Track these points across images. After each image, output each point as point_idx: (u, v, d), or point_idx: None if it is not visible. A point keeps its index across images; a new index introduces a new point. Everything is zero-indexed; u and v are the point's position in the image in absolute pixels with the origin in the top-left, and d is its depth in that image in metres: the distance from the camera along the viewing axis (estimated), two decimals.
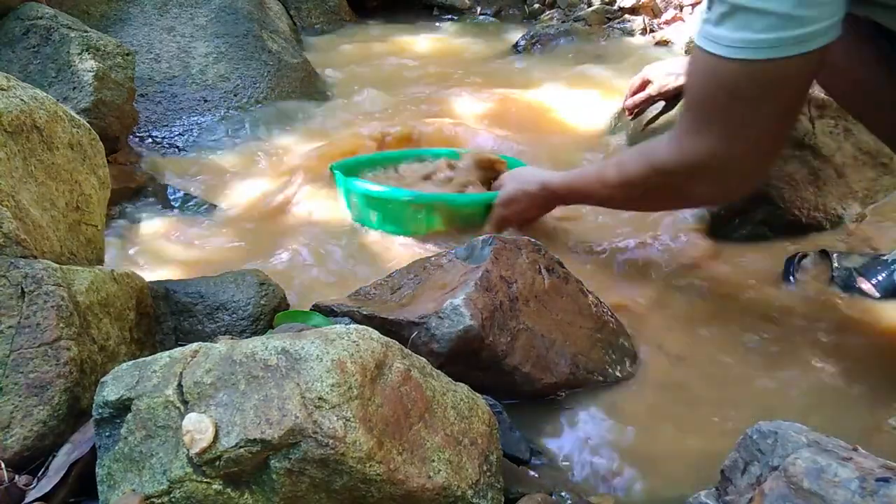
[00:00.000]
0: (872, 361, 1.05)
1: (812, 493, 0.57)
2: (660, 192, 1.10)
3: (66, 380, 0.79)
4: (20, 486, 0.73)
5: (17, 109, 0.91)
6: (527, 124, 1.87)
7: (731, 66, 0.89)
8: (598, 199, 1.26)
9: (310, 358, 0.67)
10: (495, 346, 0.92)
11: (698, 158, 0.99)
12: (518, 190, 1.35)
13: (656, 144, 1.09)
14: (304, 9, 2.76)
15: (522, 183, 1.36)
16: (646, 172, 1.08)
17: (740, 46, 0.87)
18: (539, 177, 1.35)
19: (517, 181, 1.37)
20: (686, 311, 1.17)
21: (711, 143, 0.97)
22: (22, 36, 1.61)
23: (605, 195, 1.21)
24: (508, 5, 3.02)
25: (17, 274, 0.81)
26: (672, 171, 1.03)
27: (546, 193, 1.32)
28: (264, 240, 1.45)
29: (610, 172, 1.18)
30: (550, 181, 1.32)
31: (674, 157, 1.03)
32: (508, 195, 1.36)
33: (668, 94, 1.55)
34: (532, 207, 1.36)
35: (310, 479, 0.65)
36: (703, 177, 1.02)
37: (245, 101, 1.96)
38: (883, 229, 1.33)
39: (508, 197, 1.36)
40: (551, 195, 1.32)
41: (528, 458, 0.90)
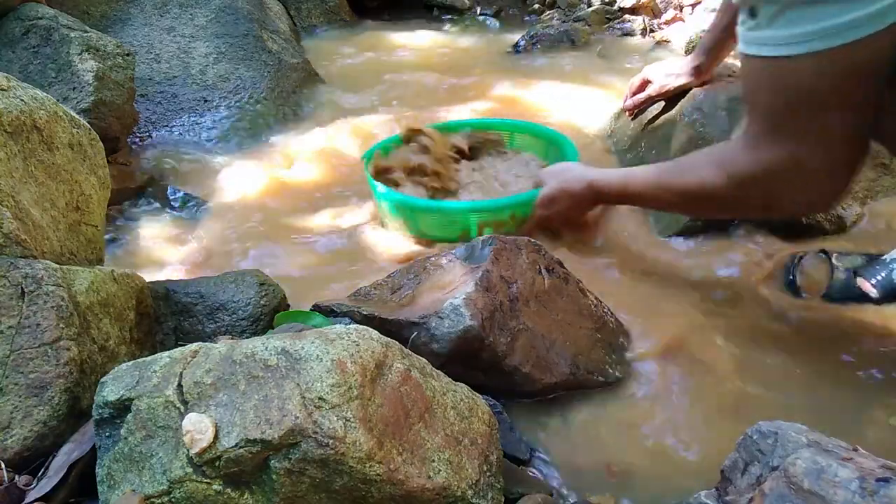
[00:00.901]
0: (872, 361, 1.05)
1: (812, 493, 0.57)
2: (739, 201, 1.04)
3: (66, 380, 0.79)
4: (20, 487, 0.73)
5: (18, 110, 0.91)
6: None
7: (794, 64, 0.84)
8: (655, 203, 1.20)
9: (310, 358, 0.67)
10: (495, 347, 0.92)
11: (778, 164, 0.93)
12: (560, 189, 1.28)
13: (730, 151, 1.02)
14: (304, 9, 2.76)
15: (565, 182, 1.28)
16: (722, 182, 1.01)
17: (802, 41, 0.82)
18: (585, 175, 1.27)
19: (559, 179, 1.30)
20: (686, 311, 1.17)
21: (792, 149, 0.91)
22: (22, 36, 1.61)
23: (666, 200, 1.15)
24: (508, 5, 3.02)
25: (17, 274, 0.81)
26: (752, 180, 0.97)
27: (592, 193, 1.25)
28: (265, 239, 1.45)
29: (673, 177, 1.11)
30: (598, 182, 1.24)
31: (752, 166, 0.96)
32: (550, 194, 1.29)
33: (668, 94, 1.55)
34: (576, 207, 1.30)
35: (310, 480, 0.65)
36: (789, 185, 0.95)
37: (245, 100, 1.96)
38: (883, 229, 1.33)
39: (550, 196, 1.29)
40: (598, 195, 1.25)
41: (528, 458, 0.90)
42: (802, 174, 0.93)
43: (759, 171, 0.95)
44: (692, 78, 1.50)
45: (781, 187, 0.96)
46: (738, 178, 0.98)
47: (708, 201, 1.07)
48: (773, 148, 0.93)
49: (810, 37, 0.82)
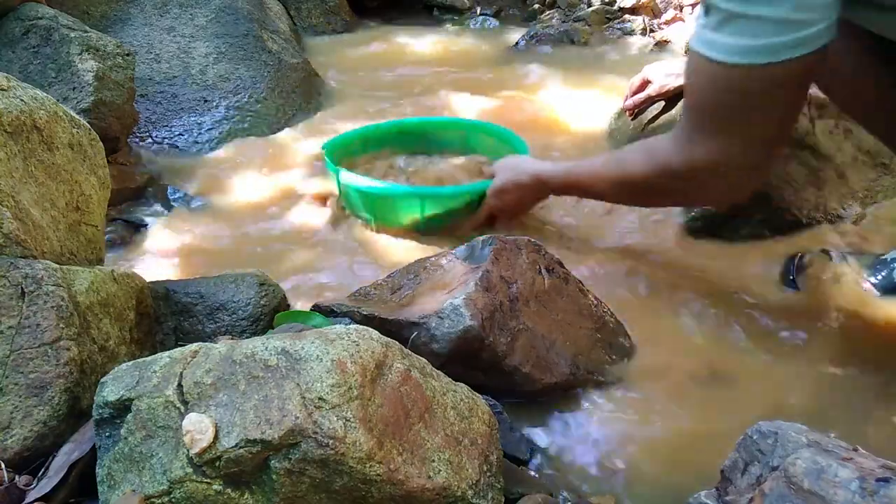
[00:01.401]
0: (872, 361, 1.05)
1: (812, 493, 0.57)
2: (663, 191, 1.11)
3: (66, 380, 0.79)
4: (20, 487, 0.73)
5: (18, 110, 0.91)
6: (527, 124, 1.87)
7: (730, 71, 0.90)
8: (595, 193, 1.27)
9: (310, 358, 0.67)
10: (495, 347, 0.92)
11: (703, 161, 1.00)
12: (510, 180, 1.34)
13: (660, 144, 1.09)
14: (304, 9, 2.76)
15: (515, 173, 1.35)
16: (649, 171, 1.09)
17: (738, 53, 0.88)
18: (532, 167, 1.34)
19: (509, 171, 1.36)
20: (686, 311, 1.17)
21: (715, 146, 0.98)
22: (22, 36, 1.61)
23: (603, 190, 1.22)
24: (508, 5, 3.02)
25: (17, 274, 0.81)
26: (677, 172, 1.04)
27: (539, 184, 1.32)
28: (264, 240, 1.45)
29: (610, 168, 1.18)
30: (544, 172, 1.31)
31: (679, 159, 1.03)
32: (500, 185, 1.35)
33: (668, 94, 1.55)
34: (524, 198, 1.36)
35: (310, 480, 0.65)
36: (708, 179, 1.03)
37: (245, 101, 1.96)
38: (883, 229, 1.33)
39: (500, 187, 1.35)
40: (544, 186, 1.32)
41: (528, 458, 0.90)
42: (724, 170, 1.00)
43: (686, 164, 1.02)
44: None
45: (703, 180, 1.04)
46: (666, 169, 1.05)
47: (637, 190, 1.14)
48: (701, 144, 0.99)
49: (744, 50, 0.88)
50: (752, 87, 0.91)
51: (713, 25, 0.90)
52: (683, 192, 1.12)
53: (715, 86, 0.94)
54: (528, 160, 1.42)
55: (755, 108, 0.93)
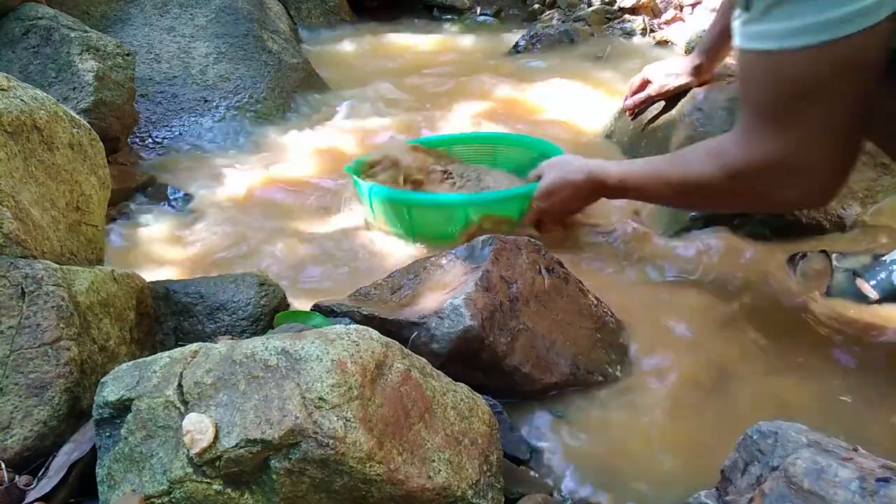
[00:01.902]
0: (872, 361, 1.05)
1: (812, 493, 0.57)
2: (731, 195, 1.04)
3: (67, 380, 0.79)
4: (20, 487, 0.73)
5: (18, 110, 0.91)
6: (527, 124, 1.87)
7: (788, 58, 0.84)
8: (655, 195, 1.20)
9: (310, 358, 0.67)
10: (495, 347, 0.92)
11: (770, 160, 0.93)
12: (561, 179, 1.26)
13: (724, 143, 1.02)
14: (304, 9, 2.76)
15: (566, 172, 1.27)
16: (716, 174, 1.01)
17: (797, 35, 0.82)
18: (585, 166, 1.26)
19: (559, 170, 1.28)
20: (686, 311, 1.17)
21: (780, 143, 0.91)
22: (22, 36, 1.61)
23: (665, 192, 1.15)
24: (508, 5, 3.02)
25: (17, 274, 0.81)
26: (745, 173, 0.97)
27: (593, 184, 1.24)
28: (264, 240, 1.45)
29: (673, 169, 1.11)
30: (598, 171, 1.23)
31: (744, 159, 0.96)
32: (550, 186, 1.27)
33: (668, 94, 1.55)
34: (576, 199, 1.28)
35: (310, 480, 0.65)
36: (780, 179, 0.95)
37: (245, 100, 1.96)
38: (883, 230, 1.33)
39: (550, 188, 1.27)
40: (600, 186, 1.24)
41: (528, 458, 0.90)
42: (793, 168, 0.93)
43: (751, 164, 0.96)
44: (692, 78, 1.50)
45: (773, 181, 0.96)
46: (732, 171, 0.99)
47: (703, 193, 1.08)
48: (764, 141, 0.93)
49: (801, 31, 0.82)
50: (812, 70, 0.84)
51: (758, 16, 0.84)
52: (754, 195, 1.02)
53: (775, 78, 0.88)
54: (577, 159, 1.32)
55: (819, 95, 0.86)
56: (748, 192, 1.01)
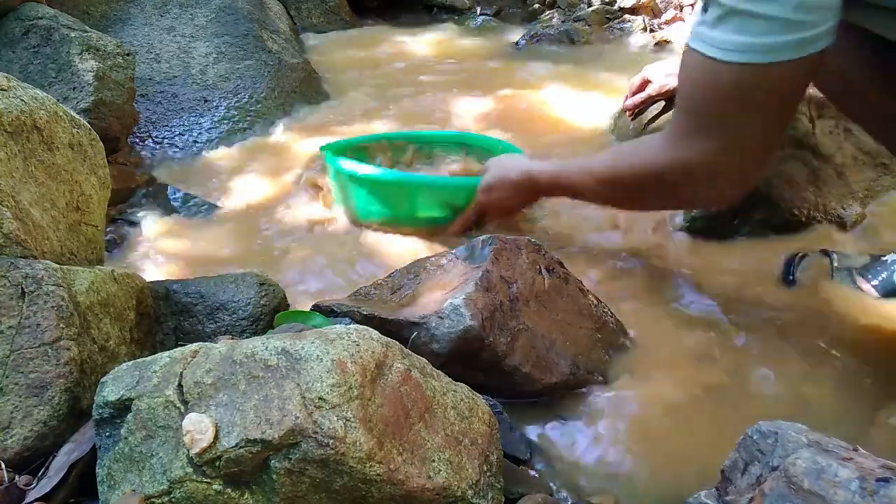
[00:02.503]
0: (872, 361, 1.05)
1: (812, 493, 0.57)
2: (651, 192, 1.09)
3: (67, 380, 0.79)
4: (20, 487, 0.73)
5: (18, 110, 0.91)
6: (527, 124, 1.87)
7: (726, 69, 0.88)
8: (584, 194, 1.23)
9: (310, 358, 0.67)
10: (495, 347, 0.92)
11: (692, 161, 0.98)
12: (500, 177, 1.31)
13: (649, 144, 1.08)
14: (304, 9, 2.76)
15: (505, 170, 1.32)
16: (637, 172, 1.06)
17: (737, 50, 0.86)
18: (523, 165, 1.31)
19: (501, 168, 1.33)
20: (686, 310, 1.17)
21: (706, 147, 0.96)
22: (22, 36, 1.61)
23: (592, 191, 1.19)
24: (508, 5, 3.02)
25: (17, 274, 0.81)
26: (665, 172, 1.02)
27: (529, 183, 1.28)
28: (265, 240, 1.45)
29: (600, 168, 1.15)
30: (534, 171, 1.28)
31: (667, 159, 1.01)
32: (491, 182, 1.32)
33: (667, 94, 1.55)
34: (514, 196, 1.32)
35: (310, 480, 0.65)
36: (698, 180, 1.01)
37: (245, 100, 1.96)
38: (883, 229, 1.33)
39: (490, 183, 1.32)
40: (534, 185, 1.28)
41: (528, 458, 0.90)
42: (717, 171, 0.98)
43: (678, 165, 1.00)
44: None
45: (695, 181, 1.01)
46: (657, 170, 1.03)
47: (628, 191, 1.12)
48: (689, 144, 0.98)
49: (743, 48, 0.86)
50: (748, 86, 0.89)
51: (712, 22, 0.88)
52: (674, 194, 1.08)
53: (710, 84, 0.92)
54: (520, 158, 1.40)
55: (751, 109, 0.92)
56: (670, 191, 1.06)
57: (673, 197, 1.11)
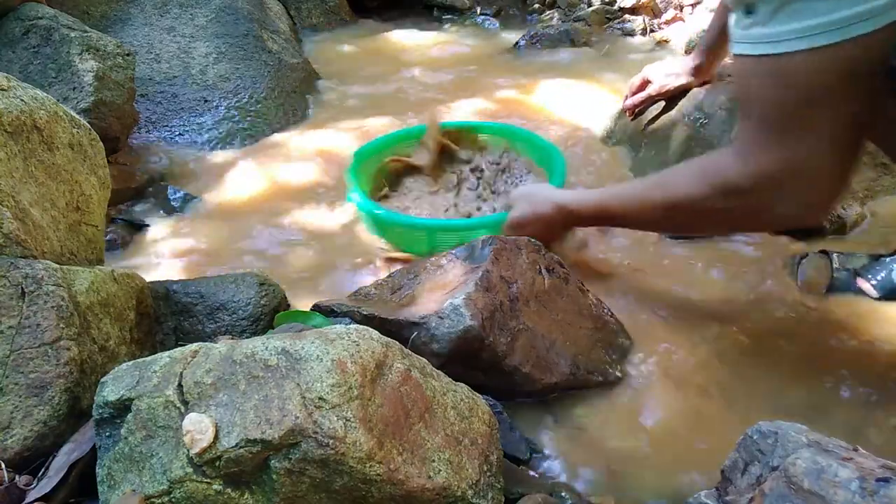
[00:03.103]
0: (872, 361, 1.05)
1: (812, 493, 0.57)
2: (725, 215, 0.97)
3: (67, 380, 0.79)
4: (20, 486, 0.73)
5: (18, 110, 0.91)
6: (526, 124, 1.87)
7: (796, 60, 0.80)
8: (634, 221, 1.13)
9: (310, 358, 0.67)
10: (495, 347, 0.92)
11: (773, 173, 0.88)
12: (532, 213, 1.21)
13: (717, 161, 0.97)
14: (304, 9, 2.76)
15: (534, 204, 1.21)
16: (704, 192, 0.95)
17: (804, 35, 0.79)
18: (553, 197, 1.20)
19: (527, 202, 1.23)
20: (686, 311, 1.17)
21: (784, 154, 0.87)
22: (22, 36, 1.61)
23: (645, 218, 1.08)
24: (508, 5, 3.01)
25: (17, 274, 0.81)
26: (743, 190, 0.91)
27: (563, 216, 1.18)
28: (265, 240, 1.45)
29: (651, 194, 1.05)
30: (568, 202, 1.17)
31: (744, 175, 0.90)
32: (519, 218, 1.22)
33: (667, 94, 1.55)
34: (547, 231, 1.20)
35: (310, 480, 0.65)
36: (782, 194, 0.90)
37: (245, 100, 1.96)
38: (883, 229, 1.33)
39: (519, 220, 1.22)
40: (570, 217, 1.18)
41: (528, 458, 0.90)
42: (796, 181, 0.88)
43: (749, 180, 0.90)
44: (692, 78, 1.50)
45: (772, 197, 0.91)
46: (725, 189, 0.93)
47: (689, 215, 1.02)
48: (767, 154, 0.88)
49: (811, 31, 0.78)
50: (822, 73, 0.81)
51: (764, 20, 0.81)
52: (752, 213, 0.95)
53: (781, 82, 0.84)
54: (545, 188, 1.29)
55: (828, 100, 0.82)
56: (742, 211, 0.95)
57: (753, 217, 0.98)
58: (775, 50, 0.82)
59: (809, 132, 0.85)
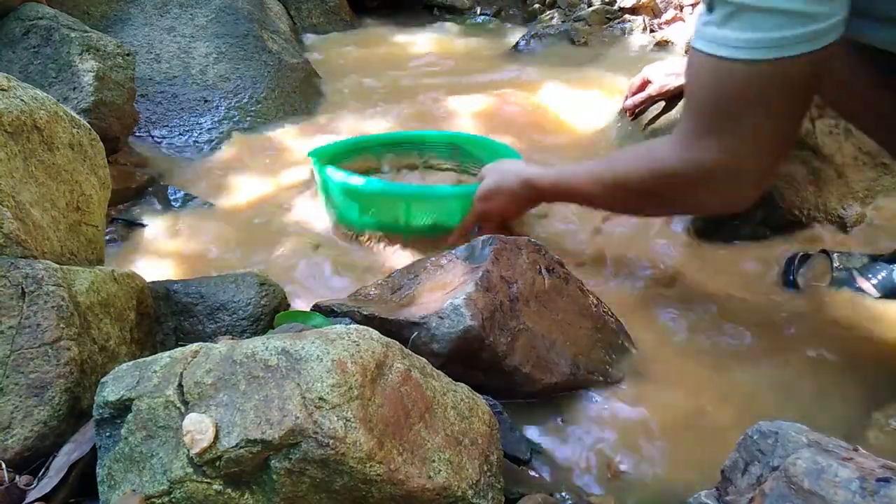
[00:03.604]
0: (872, 361, 1.05)
1: (812, 493, 0.57)
2: (660, 197, 1.05)
3: (67, 380, 0.79)
4: (21, 487, 0.73)
5: (18, 110, 0.91)
6: (526, 124, 1.87)
7: (738, 67, 0.86)
8: (587, 199, 1.20)
9: (310, 358, 0.67)
10: (495, 347, 0.92)
11: (704, 164, 0.96)
12: (499, 185, 1.28)
13: (657, 147, 1.05)
14: (304, 9, 2.76)
15: (503, 177, 1.29)
16: (645, 175, 1.04)
17: (749, 47, 0.84)
18: (521, 171, 1.28)
19: (498, 175, 1.30)
20: (686, 311, 1.17)
21: (718, 148, 0.94)
22: (22, 36, 1.61)
23: (596, 196, 1.16)
24: (508, 5, 3.02)
25: (17, 274, 0.81)
26: (675, 176, 0.99)
27: (528, 190, 1.25)
28: (265, 240, 1.45)
29: (603, 172, 1.13)
30: (533, 177, 1.25)
31: (677, 162, 0.98)
32: (488, 189, 1.29)
33: (667, 94, 1.55)
34: (512, 203, 1.29)
35: (310, 480, 0.65)
36: (709, 183, 0.98)
37: (245, 100, 1.96)
38: (883, 229, 1.33)
39: (488, 191, 1.29)
40: (534, 192, 1.25)
41: (529, 458, 0.90)
42: (724, 175, 0.95)
43: (689, 167, 0.97)
44: None
45: (707, 184, 0.98)
46: (661, 173, 1.01)
47: (634, 196, 1.09)
48: (700, 146, 0.95)
49: (754, 44, 0.84)
50: (762, 83, 0.87)
51: (719, 21, 0.86)
52: (685, 198, 1.05)
53: (721, 83, 0.90)
54: (517, 163, 1.36)
55: (763, 107, 0.89)
56: (680, 194, 1.03)
57: (684, 201, 1.07)
58: (723, 53, 0.87)
59: (742, 131, 0.92)
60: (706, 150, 0.95)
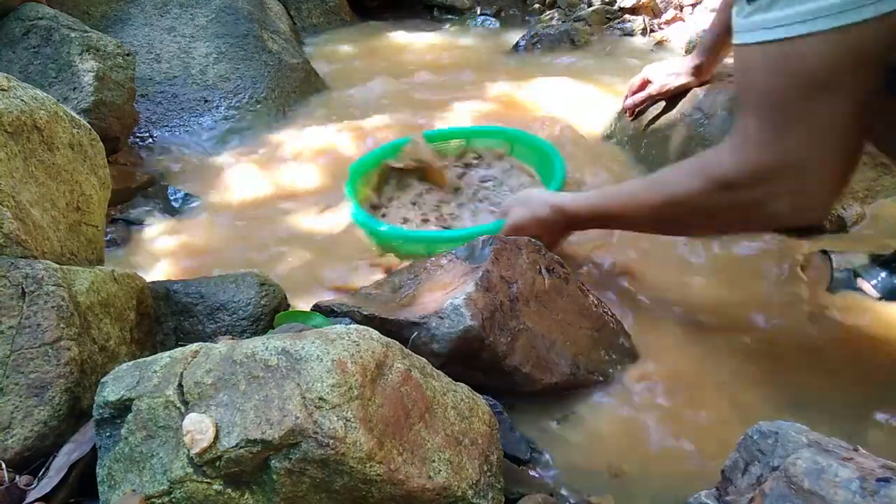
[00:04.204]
0: (872, 361, 1.05)
1: (813, 493, 0.57)
2: (723, 212, 0.94)
3: (67, 380, 0.79)
4: (21, 487, 0.73)
5: (18, 110, 0.91)
6: (527, 124, 1.87)
7: (798, 44, 0.77)
8: (630, 223, 1.12)
9: (310, 358, 0.67)
10: (495, 347, 0.92)
11: (767, 167, 0.86)
12: (527, 217, 1.20)
13: (713, 156, 0.94)
14: (304, 9, 2.76)
15: (531, 208, 1.20)
16: (703, 189, 0.93)
17: (806, 20, 0.76)
18: (550, 200, 1.19)
19: (525, 206, 1.21)
20: (686, 311, 1.17)
21: (781, 147, 0.84)
22: (22, 36, 1.61)
23: (640, 218, 1.07)
24: (508, 5, 3.01)
25: (17, 274, 0.81)
26: (740, 184, 0.88)
27: (560, 218, 1.17)
28: (265, 240, 1.45)
29: (649, 192, 1.03)
30: (565, 204, 1.16)
31: (741, 168, 0.88)
32: (516, 223, 1.20)
33: (668, 94, 1.55)
34: (545, 235, 1.17)
35: (310, 480, 0.65)
36: (775, 190, 0.87)
37: (245, 100, 1.96)
38: (883, 229, 1.33)
39: (516, 225, 1.20)
40: (568, 220, 1.17)
41: (528, 458, 0.90)
42: (790, 178, 0.85)
43: (743, 174, 0.88)
44: (692, 78, 1.50)
45: (765, 193, 0.88)
46: (719, 183, 0.91)
47: (688, 214, 0.99)
48: (761, 147, 0.86)
49: (811, 15, 0.76)
50: (823, 60, 0.77)
51: (765, 6, 0.79)
52: (750, 211, 0.92)
53: (777, 70, 0.81)
54: (541, 193, 1.28)
55: (828, 90, 0.79)
56: (737, 207, 0.92)
57: (753, 214, 0.93)
58: (776, 35, 0.79)
59: (806, 126, 0.82)
60: (766, 151, 0.85)
